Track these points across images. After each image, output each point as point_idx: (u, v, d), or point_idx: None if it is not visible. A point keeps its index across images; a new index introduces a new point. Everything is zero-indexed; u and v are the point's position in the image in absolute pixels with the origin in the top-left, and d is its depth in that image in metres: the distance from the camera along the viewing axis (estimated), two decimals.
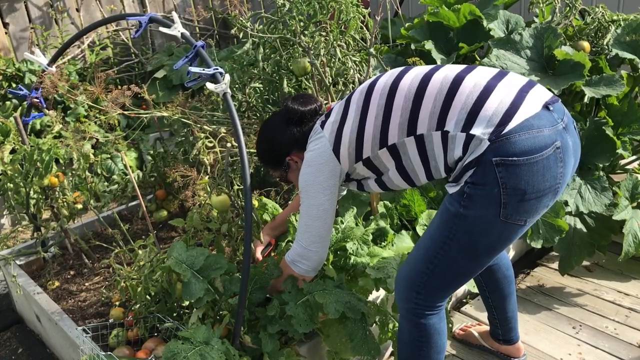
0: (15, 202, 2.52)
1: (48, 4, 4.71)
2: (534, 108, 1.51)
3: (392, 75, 1.69)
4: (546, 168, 1.49)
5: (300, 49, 2.47)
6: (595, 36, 2.97)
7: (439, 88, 1.57)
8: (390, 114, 1.62)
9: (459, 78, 1.57)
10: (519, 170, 1.47)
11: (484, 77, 1.58)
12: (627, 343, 2.32)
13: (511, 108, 1.50)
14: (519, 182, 1.47)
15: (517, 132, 1.46)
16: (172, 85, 4.62)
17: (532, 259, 2.94)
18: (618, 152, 2.60)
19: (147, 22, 1.99)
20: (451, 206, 1.59)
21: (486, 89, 1.54)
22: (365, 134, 1.67)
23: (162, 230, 2.98)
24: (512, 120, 1.48)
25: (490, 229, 1.55)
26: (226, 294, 1.96)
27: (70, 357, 2.20)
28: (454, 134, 1.53)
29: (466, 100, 1.53)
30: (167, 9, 5.34)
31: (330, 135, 1.74)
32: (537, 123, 1.49)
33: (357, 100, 1.72)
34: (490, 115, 1.49)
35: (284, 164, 1.92)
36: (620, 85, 2.61)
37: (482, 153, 1.48)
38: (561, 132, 1.52)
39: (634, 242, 2.53)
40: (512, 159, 1.46)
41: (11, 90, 2.72)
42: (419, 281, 1.69)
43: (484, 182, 1.50)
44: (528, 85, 1.58)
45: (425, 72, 1.64)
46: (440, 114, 1.55)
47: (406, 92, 1.61)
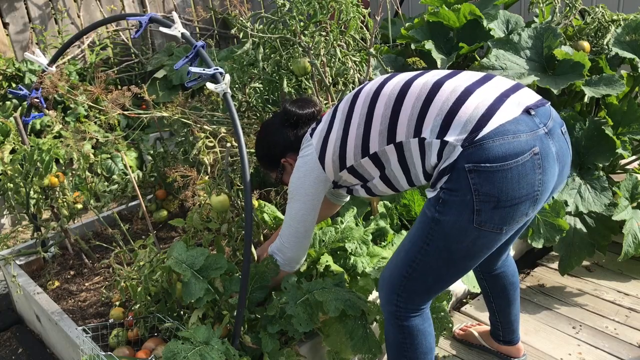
0: (15, 202, 2.52)
1: (48, 4, 4.71)
2: (512, 112, 1.47)
3: (376, 82, 1.70)
4: (522, 175, 1.44)
5: (300, 49, 2.47)
6: (595, 36, 2.97)
7: (417, 94, 1.56)
8: (371, 122, 1.63)
9: (438, 83, 1.56)
10: (492, 176, 1.43)
11: (465, 81, 1.56)
12: (627, 343, 2.32)
13: (487, 113, 1.46)
14: (491, 189, 1.44)
15: (490, 138, 1.43)
16: (172, 85, 4.62)
17: (532, 259, 2.94)
18: (618, 152, 2.60)
19: (147, 22, 1.99)
20: (428, 211, 1.59)
21: (464, 94, 1.51)
22: (348, 142, 1.68)
23: (162, 230, 2.98)
24: (487, 125, 1.44)
25: (464, 235, 1.53)
26: (226, 294, 1.96)
27: (70, 357, 2.20)
28: (429, 140, 1.52)
29: (442, 106, 1.51)
30: (167, 9, 5.34)
31: (317, 143, 1.76)
32: (513, 128, 1.44)
33: (342, 109, 1.73)
34: (465, 121, 1.47)
35: (279, 166, 1.96)
36: (620, 85, 2.61)
37: (455, 159, 1.46)
38: (541, 138, 1.48)
39: (633, 242, 2.53)
40: (484, 165, 1.43)
41: (11, 90, 2.72)
42: (399, 284, 1.69)
43: (457, 188, 1.48)
44: (512, 89, 1.55)
45: (407, 79, 1.63)
46: (417, 121, 1.54)
47: (386, 99, 1.61)
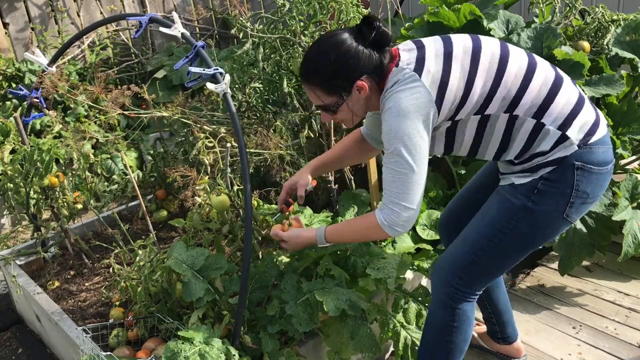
0: (15, 202, 2.52)
1: (48, 3, 4.71)
2: (605, 126, 1.71)
3: (493, 45, 1.69)
4: (606, 179, 1.69)
5: (300, 49, 2.47)
6: (595, 36, 2.97)
7: (543, 80, 1.65)
8: (498, 87, 1.63)
9: (558, 82, 1.67)
10: (592, 177, 1.64)
11: (572, 85, 1.71)
12: (627, 343, 2.32)
13: (596, 122, 1.67)
14: (587, 187, 1.65)
15: (599, 145, 1.65)
16: (172, 85, 4.62)
17: (532, 259, 2.94)
18: (618, 152, 2.60)
19: (147, 22, 1.99)
20: (516, 199, 1.68)
21: (580, 99, 1.68)
22: (470, 97, 1.63)
23: (162, 230, 2.98)
24: (597, 132, 1.65)
25: (551, 224, 1.69)
26: (226, 294, 1.96)
27: (70, 357, 2.20)
28: (549, 128, 1.63)
29: (567, 101, 1.64)
30: (167, 9, 5.34)
31: (431, 86, 1.60)
32: (608, 140, 1.70)
33: (461, 59, 1.64)
34: (583, 123, 1.64)
35: (346, 90, 1.66)
36: (620, 85, 2.61)
37: (568, 155, 1.62)
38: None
39: (633, 242, 2.53)
40: (589, 166, 1.64)
41: (11, 90, 2.72)
42: (464, 266, 1.76)
43: (560, 181, 1.64)
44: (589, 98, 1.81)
45: (529, 62, 1.68)
46: (541, 105, 1.63)
47: (516, 71, 1.65)
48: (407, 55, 1.67)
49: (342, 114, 1.72)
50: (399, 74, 1.63)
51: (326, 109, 1.71)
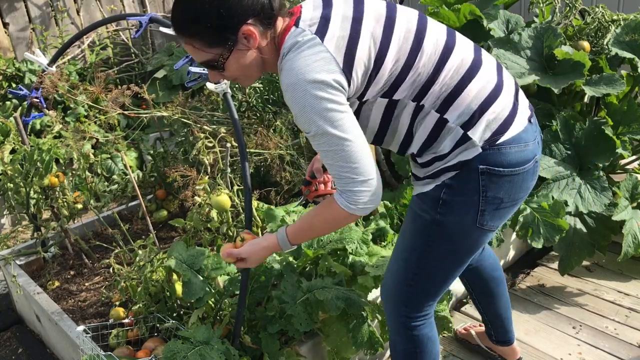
0: (15, 202, 2.52)
1: (48, 3, 4.71)
2: (524, 120, 1.51)
3: (410, 16, 1.47)
4: (524, 180, 1.51)
5: None
6: (595, 36, 2.97)
7: (456, 66, 1.44)
8: (410, 69, 1.41)
9: (474, 68, 1.46)
10: (503, 180, 1.46)
11: (492, 68, 1.51)
12: (627, 343, 2.32)
13: (509, 117, 1.47)
14: (498, 192, 1.47)
15: (509, 144, 1.45)
16: (172, 85, 4.62)
17: (532, 259, 2.94)
18: (618, 151, 2.60)
19: (147, 22, 1.99)
20: (425, 213, 1.53)
21: (496, 89, 1.47)
22: (380, 72, 1.41)
23: (162, 230, 2.98)
24: (508, 131, 1.46)
25: (468, 235, 1.54)
26: (226, 294, 1.96)
27: (70, 357, 2.20)
28: (452, 125, 1.44)
29: (478, 94, 1.44)
30: (167, 9, 5.34)
31: (336, 51, 1.35)
32: (524, 137, 1.49)
33: (373, 27, 1.41)
34: (492, 120, 1.45)
35: (232, 39, 1.38)
36: (620, 85, 2.61)
37: (470, 158, 1.44)
38: (537, 146, 1.55)
39: (633, 242, 2.53)
40: (498, 169, 1.45)
41: (11, 90, 2.72)
42: (405, 294, 1.66)
43: (465, 188, 1.47)
44: (516, 87, 1.56)
45: (445, 42, 1.46)
46: (447, 97, 1.43)
47: (431, 52, 1.43)
48: (309, 13, 1.42)
49: (232, 69, 1.44)
50: (298, 35, 1.37)
51: (211, 65, 1.43)
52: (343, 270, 2.01)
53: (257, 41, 1.39)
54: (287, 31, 1.40)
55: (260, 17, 1.37)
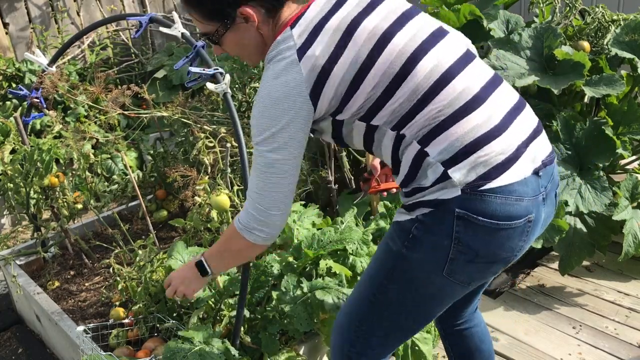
0: (15, 202, 2.52)
1: (48, 3, 4.71)
2: (524, 171, 1.30)
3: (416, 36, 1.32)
4: (508, 238, 1.30)
5: None
6: (595, 36, 2.97)
7: (452, 98, 1.29)
8: (389, 97, 1.30)
9: (479, 97, 1.31)
10: (479, 230, 1.28)
11: (503, 106, 1.33)
12: (627, 343, 2.32)
13: (505, 163, 1.28)
14: (474, 243, 1.29)
15: (495, 194, 1.26)
16: (172, 85, 4.62)
17: (532, 259, 2.94)
18: (618, 152, 2.60)
19: (147, 22, 1.99)
20: (393, 243, 1.38)
21: (496, 130, 1.29)
22: (354, 98, 1.31)
23: (162, 230, 2.98)
24: (498, 179, 1.27)
25: (431, 279, 1.35)
26: (226, 294, 1.96)
27: (70, 357, 2.20)
28: (433, 161, 1.28)
29: (469, 132, 1.28)
30: (167, 9, 5.34)
31: (309, 74, 1.28)
32: (520, 190, 1.28)
33: (360, 45, 1.30)
34: (479, 163, 1.27)
35: (229, 15, 1.34)
36: (620, 85, 2.61)
37: (448, 198, 1.28)
38: (539, 204, 1.33)
39: (633, 242, 2.53)
40: (476, 217, 1.26)
41: (11, 90, 2.72)
42: (354, 329, 1.46)
43: (437, 229, 1.30)
44: (534, 132, 1.36)
45: (448, 68, 1.31)
46: (432, 130, 1.29)
47: (419, 82, 1.29)
48: (315, 11, 1.33)
49: (230, 46, 1.41)
50: (284, 43, 1.31)
51: (209, 37, 1.40)
52: (343, 270, 2.01)
53: (256, 23, 1.34)
54: (285, 26, 1.33)
55: (264, 2, 1.33)
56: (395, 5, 1.37)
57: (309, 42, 1.29)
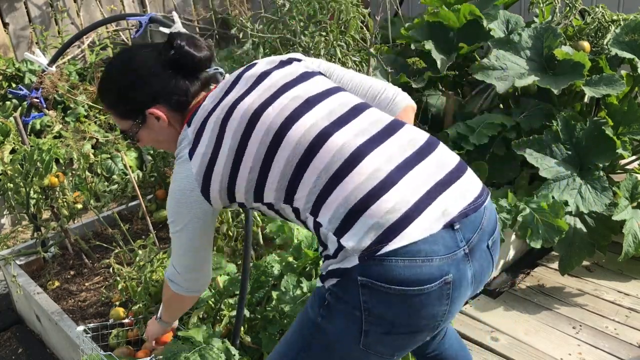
0: (15, 202, 2.52)
1: (48, 3, 4.71)
2: (432, 226, 1.16)
3: (281, 112, 1.27)
4: (424, 305, 1.16)
5: (300, 49, 2.47)
6: (595, 36, 2.97)
7: (329, 160, 1.20)
8: (266, 177, 1.26)
9: (360, 153, 1.20)
10: (388, 299, 1.15)
11: (394, 157, 1.21)
12: (627, 343, 2.32)
13: (402, 220, 1.15)
14: (386, 312, 1.17)
15: (396, 257, 1.13)
16: None
17: (532, 259, 2.94)
18: (618, 152, 2.60)
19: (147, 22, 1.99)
20: (312, 310, 1.28)
21: (384, 183, 1.17)
22: (236, 187, 1.30)
23: (162, 230, 2.98)
24: (396, 239, 1.13)
25: (348, 353, 1.25)
26: (226, 294, 1.96)
27: (70, 357, 2.20)
28: (325, 231, 1.20)
29: (351, 194, 1.17)
30: (167, 9, 5.34)
31: (198, 173, 1.30)
32: (427, 249, 1.14)
33: (234, 132, 1.28)
34: (372, 224, 1.15)
35: (139, 117, 1.38)
36: (620, 85, 2.61)
37: (349, 267, 1.17)
38: (458, 262, 1.18)
39: (633, 242, 2.53)
40: (380, 284, 1.14)
41: (11, 90, 2.72)
42: None
43: (345, 299, 1.19)
44: (447, 180, 1.22)
45: (325, 127, 1.23)
46: (318, 197, 1.20)
47: (289, 155, 1.23)
48: (209, 102, 1.35)
49: (147, 141, 1.46)
50: (181, 142, 1.36)
51: (126, 134, 1.45)
52: None
53: (166, 121, 1.38)
54: (185, 122, 1.37)
55: (171, 102, 1.37)
56: (279, 77, 1.34)
57: (197, 139, 1.31)
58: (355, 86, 1.43)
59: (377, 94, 1.44)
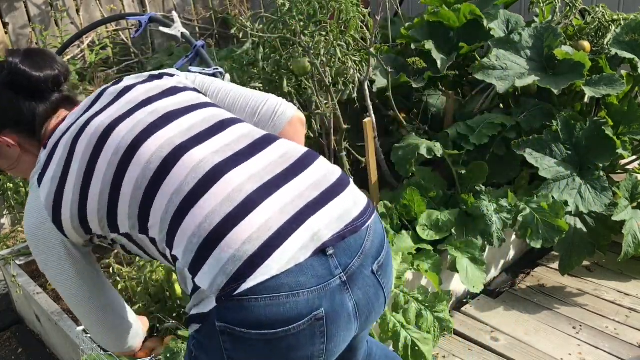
0: (15, 202, 2.51)
1: (48, 3, 4.71)
2: (297, 255, 1.00)
3: (134, 128, 1.14)
4: (292, 348, 1.01)
5: (300, 48, 2.47)
6: (595, 36, 2.97)
7: (182, 180, 1.05)
8: (117, 203, 1.11)
9: (218, 171, 1.05)
10: (251, 345, 1.00)
11: (259, 177, 1.06)
12: (628, 343, 2.32)
13: (261, 252, 0.99)
14: (250, 359, 1.03)
15: (255, 295, 0.97)
16: None
17: (532, 259, 2.94)
18: (618, 152, 2.60)
19: (147, 22, 1.99)
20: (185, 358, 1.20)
21: (240, 210, 1.02)
22: (88, 218, 1.14)
23: None
24: (254, 275, 0.98)
25: None
26: None
27: (70, 357, 2.20)
28: (181, 267, 1.04)
29: (205, 220, 1.01)
30: (167, 9, 5.34)
31: (46, 200, 1.15)
32: (291, 282, 0.98)
33: (83, 152, 1.14)
34: (227, 259, 0.99)
35: None
36: (621, 85, 2.61)
37: (207, 312, 1.02)
38: (333, 293, 1.03)
39: (633, 242, 2.53)
40: (239, 329, 0.99)
41: None
42: None
43: (208, 346, 1.06)
44: (319, 200, 1.07)
45: (180, 143, 1.10)
46: (171, 224, 1.05)
47: (143, 169, 1.09)
48: (61, 128, 1.21)
49: (5, 167, 1.32)
50: (35, 168, 1.22)
51: None
52: None
53: (18, 148, 1.25)
54: (45, 138, 1.23)
55: (18, 127, 1.24)
56: (142, 91, 1.21)
57: (47, 163, 1.18)
58: (233, 101, 1.29)
59: (258, 108, 1.28)
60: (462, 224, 2.51)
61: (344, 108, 2.70)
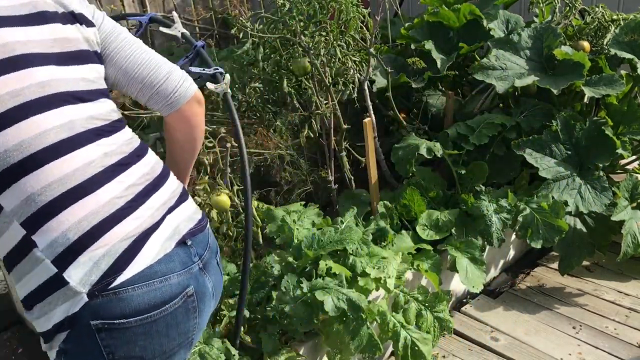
0: None
1: None
2: (165, 246, 1.11)
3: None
4: (171, 325, 1.10)
5: (300, 49, 2.47)
6: (595, 36, 2.97)
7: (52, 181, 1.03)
8: None
9: (98, 179, 1.08)
10: (131, 334, 1.04)
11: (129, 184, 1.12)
12: (627, 343, 2.32)
13: (134, 246, 1.06)
14: (132, 350, 1.06)
15: (132, 285, 1.04)
16: None
17: (532, 259, 2.94)
18: (618, 152, 2.60)
19: (147, 22, 1.99)
20: None
21: (123, 211, 1.08)
22: None
23: None
24: (130, 267, 1.04)
25: None
26: (226, 294, 1.96)
27: None
28: (41, 255, 1.01)
29: (83, 220, 1.03)
30: (167, 9, 5.34)
31: None
32: (163, 269, 1.09)
33: None
34: (101, 256, 1.03)
35: None
36: (620, 85, 2.61)
37: (77, 311, 1.01)
38: (197, 275, 1.16)
39: (632, 242, 2.53)
40: (119, 321, 1.02)
41: None
42: None
43: (84, 354, 1.04)
44: (175, 202, 1.20)
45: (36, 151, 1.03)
46: (41, 210, 1.01)
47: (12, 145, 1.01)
48: None
49: None
50: None
51: None
52: (343, 270, 2.01)
53: None
54: None
55: None
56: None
57: None
58: (132, 68, 1.27)
59: (158, 82, 1.28)
60: (462, 224, 2.51)
61: (344, 108, 2.70)
